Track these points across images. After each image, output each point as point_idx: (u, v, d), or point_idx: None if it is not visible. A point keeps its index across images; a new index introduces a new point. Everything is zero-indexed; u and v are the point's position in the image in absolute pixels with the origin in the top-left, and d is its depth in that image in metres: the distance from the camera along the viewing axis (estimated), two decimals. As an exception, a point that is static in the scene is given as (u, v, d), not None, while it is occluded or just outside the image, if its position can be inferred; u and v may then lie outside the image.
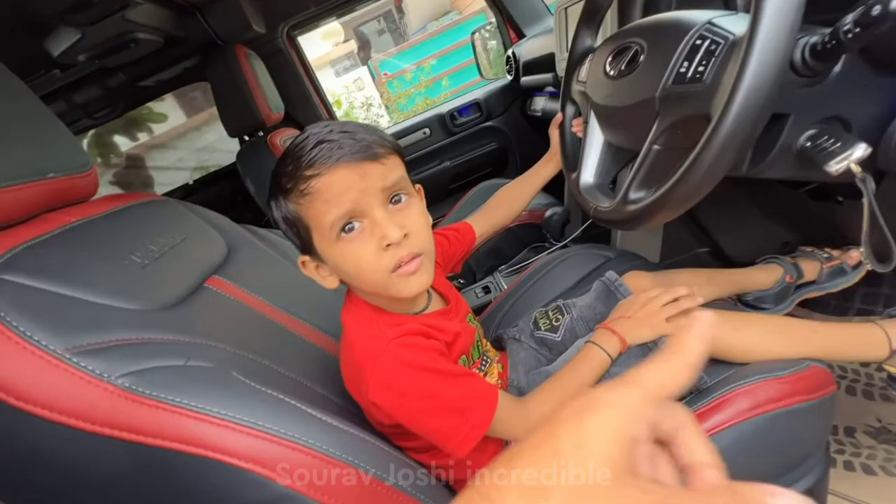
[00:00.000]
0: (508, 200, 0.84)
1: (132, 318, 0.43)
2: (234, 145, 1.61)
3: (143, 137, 2.48)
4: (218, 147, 2.48)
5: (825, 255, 0.83)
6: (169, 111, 2.50)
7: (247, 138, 1.55)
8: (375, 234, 0.47)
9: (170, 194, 1.87)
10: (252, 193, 1.48)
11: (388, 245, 0.47)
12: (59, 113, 1.59)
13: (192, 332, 0.46)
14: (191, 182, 1.93)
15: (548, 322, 0.70)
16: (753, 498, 0.18)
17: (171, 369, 0.38)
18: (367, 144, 0.47)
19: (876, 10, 0.36)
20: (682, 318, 0.60)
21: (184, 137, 2.68)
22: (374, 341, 0.49)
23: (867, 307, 0.90)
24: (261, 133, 1.52)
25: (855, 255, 0.81)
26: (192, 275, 0.58)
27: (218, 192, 1.87)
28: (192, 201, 0.76)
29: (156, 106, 2.35)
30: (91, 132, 2.06)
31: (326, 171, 0.45)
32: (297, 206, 0.48)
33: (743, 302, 0.83)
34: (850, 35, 0.39)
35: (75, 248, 0.48)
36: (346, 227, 0.47)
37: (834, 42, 0.40)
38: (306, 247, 0.51)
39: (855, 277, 0.82)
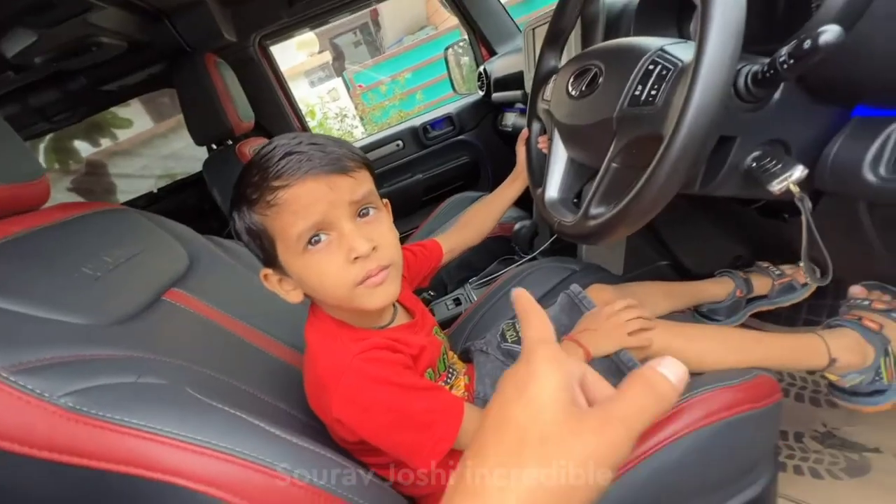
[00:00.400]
0: (476, 220, 0.86)
1: (80, 333, 0.41)
2: (201, 153, 1.57)
3: (106, 143, 2.38)
4: (185, 154, 2.41)
5: (777, 272, 0.88)
6: (135, 117, 2.42)
7: (215, 147, 1.52)
8: (343, 247, 0.47)
9: (133, 202, 1.81)
10: (219, 203, 1.44)
11: (356, 258, 0.47)
12: (13, 116, 1.52)
13: (146, 347, 0.44)
14: (155, 190, 1.87)
15: (514, 334, 0.71)
16: (651, 377, 0.23)
17: (119, 387, 0.37)
18: (336, 157, 0.47)
19: (807, 44, 0.39)
20: (647, 333, 0.62)
21: (149, 144, 2.59)
22: (338, 357, 0.49)
23: (813, 318, 0.95)
24: (229, 142, 1.49)
25: (800, 273, 0.86)
26: (150, 287, 0.56)
27: (183, 200, 1.81)
28: (156, 210, 0.74)
29: (120, 111, 2.27)
30: (48, 136, 1.97)
31: (295, 183, 0.45)
32: (262, 218, 0.47)
33: (699, 313, 0.87)
34: (785, 66, 0.42)
35: (21, 260, 0.46)
36: (313, 240, 0.47)
37: (772, 71, 0.43)
38: (270, 259, 0.50)
39: (804, 293, 0.87)
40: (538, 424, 0.22)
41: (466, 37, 1.87)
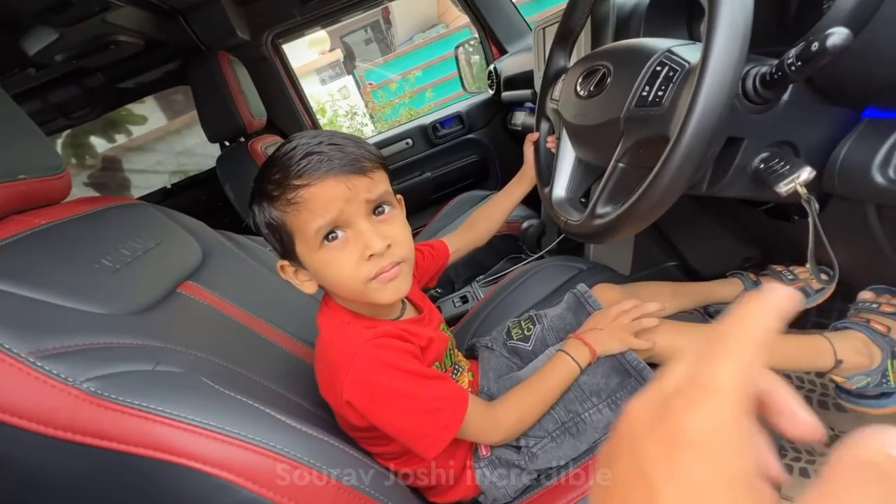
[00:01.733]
0: (482, 221, 0.87)
1: (101, 322, 0.43)
2: (214, 150, 1.60)
3: (120, 139, 2.43)
4: (198, 151, 2.45)
5: (790, 277, 0.87)
6: (149, 113, 2.46)
7: (227, 144, 1.54)
8: (359, 244, 0.48)
9: (147, 198, 1.84)
10: (231, 199, 1.47)
11: (371, 255, 0.48)
12: (34, 112, 1.56)
13: (163, 337, 0.45)
14: (169, 186, 1.90)
15: (520, 332, 0.72)
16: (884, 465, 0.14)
17: (138, 374, 0.38)
18: (355, 158, 0.48)
19: (815, 46, 0.39)
20: (652, 334, 0.62)
21: (163, 140, 2.64)
22: (351, 341, 0.50)
23: (822, 320, 0.95)
24: (242, 139, 1.51)
25: (822, 276, 0.84)
26: (165, 280, 0.58)
27: (196, 196, 1.84)
28: (169, 205, 0.76)
29: (135, 108, 2.30)
30: (66, 132, 2.02)
31: (315, 182, 0.46)
32: (282, 214, 0.48)
33: (708, 314, 0.87)
34: (793, 68, 0.42)
35: (44, 251, 0.47)
36: (330, 236, 0.48)
37: (780, 73, 0.44)
38: (287, 252, 0.52)
39: (818, 299, 0.85)
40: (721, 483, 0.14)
41: (477, 35, 1.88)
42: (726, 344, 0.17)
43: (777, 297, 0.17)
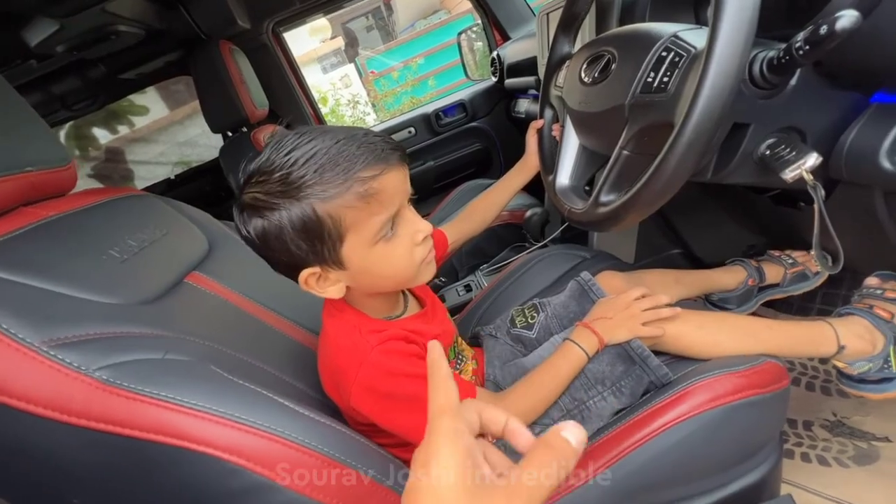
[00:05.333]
0: (480, 211, 0.87)
1: (110, 312, 0.43)
2: (216, 140, 1.60)
3: (123, 130, 2.43)
4: (200, 142, 2.45)
5: (790, 261, 0.87)
6: (151, 104, 2.46)
7: (230, 134, 1.54)
8: (408, 230, 0.50)
9: (151, 188, 1.85)
10: (234, 189, 1.47)
11: (424, 237, 0.51)
12: (36, 104, 1.56)
13: (171, 326, 0.46)
14: (173, 177, 1.91)
15: (524, 319, 0.72)
16: (554, 442, 0.25)
17: (148, 362, 0.39)
18: (397, 147, 0.49)
19: (823, 29, 0.39)
20: (660, 322, 0.61)
21: (166, 131, 2.64)
22: (357, 349, 0.51)
23: (827, 307, 0.95)
24: (244, 129, 1.51)
25: (812, 260, 0.85)
26: (172, 270, 0.58)
27: (200, 187, 1.85)
28: (173, 196, 0.76)
29: (137, 98, 2.30)
30: (68, 124, 2.02)
31: (385, 173, 0.46)
32: (342, 210, 0.45)
33: (710, 302, 0.87)
34: (801, 52, 0.41)
35: (53, 242, 0.48)
36: (388, 228, 0.48)
37: (788, 58, 0.43)
38: (317, 256, 0.47)
39: (816, 282, 0.86)
40: None
41: (480, 21, 1.85)
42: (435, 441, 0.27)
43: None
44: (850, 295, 0.92)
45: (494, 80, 1.74)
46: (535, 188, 1.00)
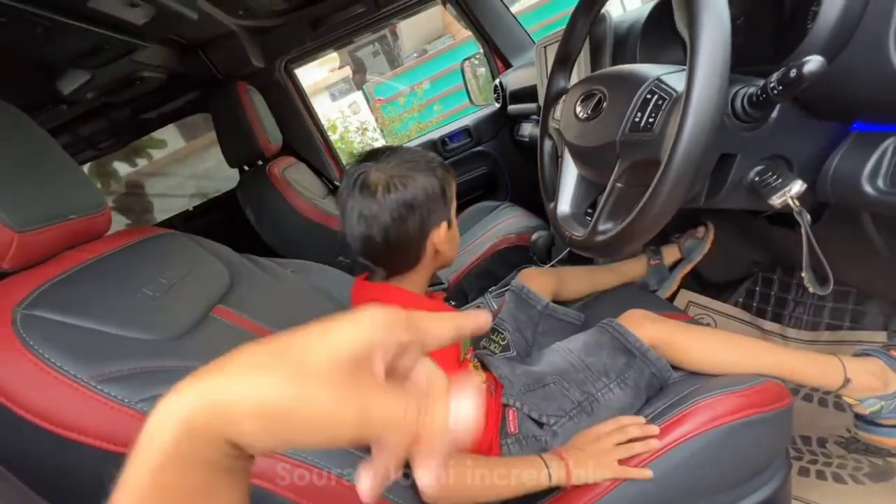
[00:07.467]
0: None
1: (148, 347, 0.47)
2: (232, 172, 1.67)
3: (141, 163, 2.54)
4: (216, 175, 2.54)
5: (677, 235, 1.00)
6: (167, 136, 2.57)
7: (246, 168, 1.61)
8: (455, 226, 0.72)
9: (170, 220, 1.92)
10: (252, 221, 1.53)
11: None
12: (65, 146, 1.64)
13: (201, 359, 0.49)
14: (191, 209, 1.98)
15: (497, 345, 0.77)
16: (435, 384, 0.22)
17: (184, 394, 0.42)
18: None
19: (792, 72, 0.42)
20: (629, 462, 0.55)
21: (182, 163, 2.74)
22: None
23: (835, 322, 0.95)
24: (260, 162, 1.58)
25: (701, 229, 0.97)
26: (199, 305, 0.62)
27: (218, 218, 1.92)
28: (192, 227, 0.81)
29: (155, 133, 2.42)
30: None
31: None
32: (450, 186, 0.69)
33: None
34: (775, 91, 0.45)
35: (93, 283, 0.52)
36: None
37: (764, 96, 0.47)
38: (436, 218, 0.66)
39: (706, 244, 0.96)
40: (302, 353, 0.19)
41: (482, 49, 1.92)
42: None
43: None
44: (857, 310, 0.93)
45: (498, 105, 1.80)
46: (542, 210, 1.04)
